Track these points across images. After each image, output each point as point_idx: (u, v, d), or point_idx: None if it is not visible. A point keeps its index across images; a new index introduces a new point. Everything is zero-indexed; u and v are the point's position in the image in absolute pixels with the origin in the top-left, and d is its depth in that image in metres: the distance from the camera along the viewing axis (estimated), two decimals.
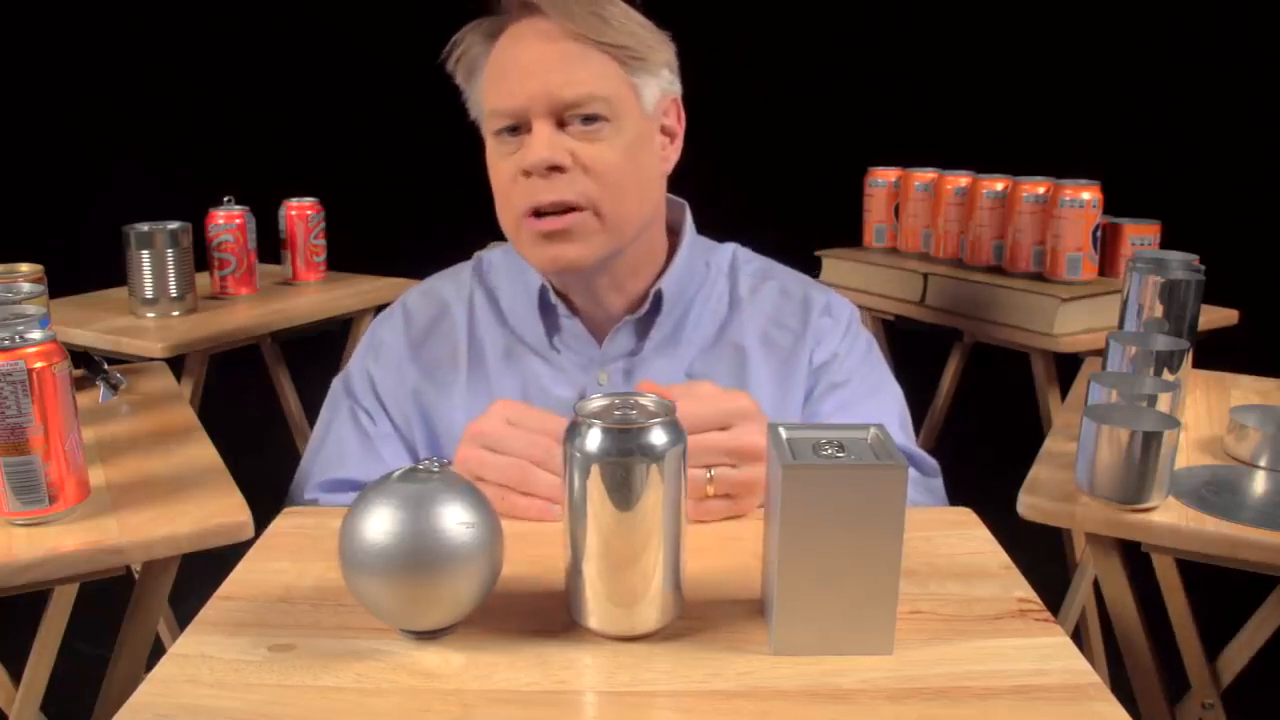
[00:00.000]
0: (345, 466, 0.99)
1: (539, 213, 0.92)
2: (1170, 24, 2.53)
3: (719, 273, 1.06)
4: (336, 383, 1.06)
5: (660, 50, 0.96)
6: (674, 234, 1.05)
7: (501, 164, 0.95)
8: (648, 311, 1.00)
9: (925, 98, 2.76)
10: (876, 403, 1.02)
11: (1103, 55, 2.64)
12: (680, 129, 1.01)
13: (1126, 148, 2.50)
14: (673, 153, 1.01)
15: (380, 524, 0.60)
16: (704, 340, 1.02)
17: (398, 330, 1.05)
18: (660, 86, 0.97)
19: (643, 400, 0.63)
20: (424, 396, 1.02)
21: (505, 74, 0.93)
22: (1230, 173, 2.53)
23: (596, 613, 0.62)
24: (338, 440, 1.01)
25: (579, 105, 0.91)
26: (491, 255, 1.09)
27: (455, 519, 0.60)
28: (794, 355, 1.02)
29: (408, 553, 0.60)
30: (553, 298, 1.00)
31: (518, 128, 0.93)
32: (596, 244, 0.94)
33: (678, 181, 1.04)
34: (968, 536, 0.78)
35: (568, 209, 0.92)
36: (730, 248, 1.10)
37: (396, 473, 0.63)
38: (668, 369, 1.00)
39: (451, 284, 1.08)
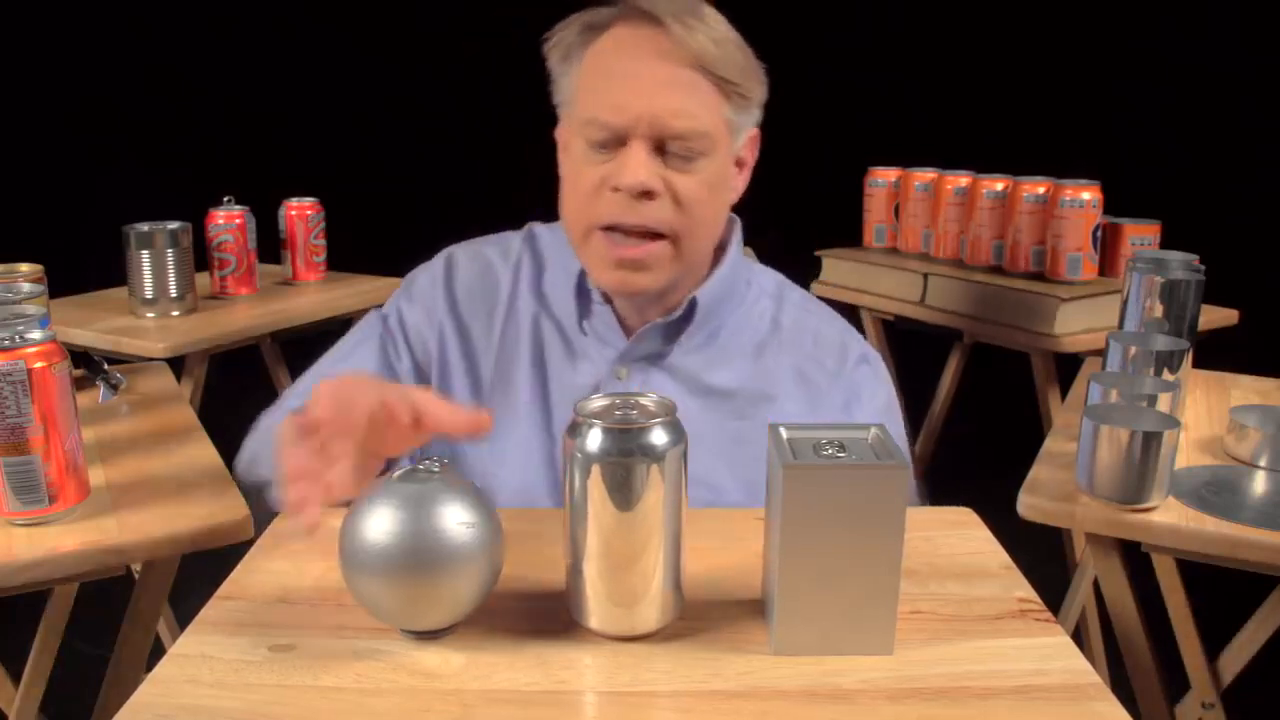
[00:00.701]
0: None
1: (618, 229, 0.91)
2: (1166, 24, 2.53)
3: (761, 292, 1.05)
4: (372, 314, 1.06)
5: (759, 88, 0.95)
6: (718, 247, 1.04)
7: (587, 170, 0.92)
8: (679, 318, 0.99)
9: (924, 98, 2.76)
10: None
11: (1102, 55, 2.65)
12: (752, 159, 1.00)
13: (1126, 148, 2.51)
14: (741, 182, 1.00)
15: (380, 524, 0.60)
16: (739, 359, 1.00)
17: (437, 279, 1.04)
18: (749, 124, 0.97)
19: (643, 400, 0.63)
20: (449, 348, 1.01)
21: (611, 83, 0.91)
22: (1229, 173, 2.53)
23: (597, 613, 0.62)
24: (361, 362, 1.01)
25: (682, 137, 0.89)
26: (540, 229, 1.08)
27: (455, 519, 0.60)
28: (827, 397, 1.00)
29: (408, 553, 0.60)
30: (589, 283, 0.99)
31: (610, 139, 0.91)
32: (667, 273, 0.94)
33: None
34: (968, 536, 0.78)
35: (647, 234, 0.91)
36: (774, 273, 1.09)
37: (397, 473, 0.63)
38: (691, 377, 0.99)
39: (498, 250, 1.06)
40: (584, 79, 0.94)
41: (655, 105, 0.88)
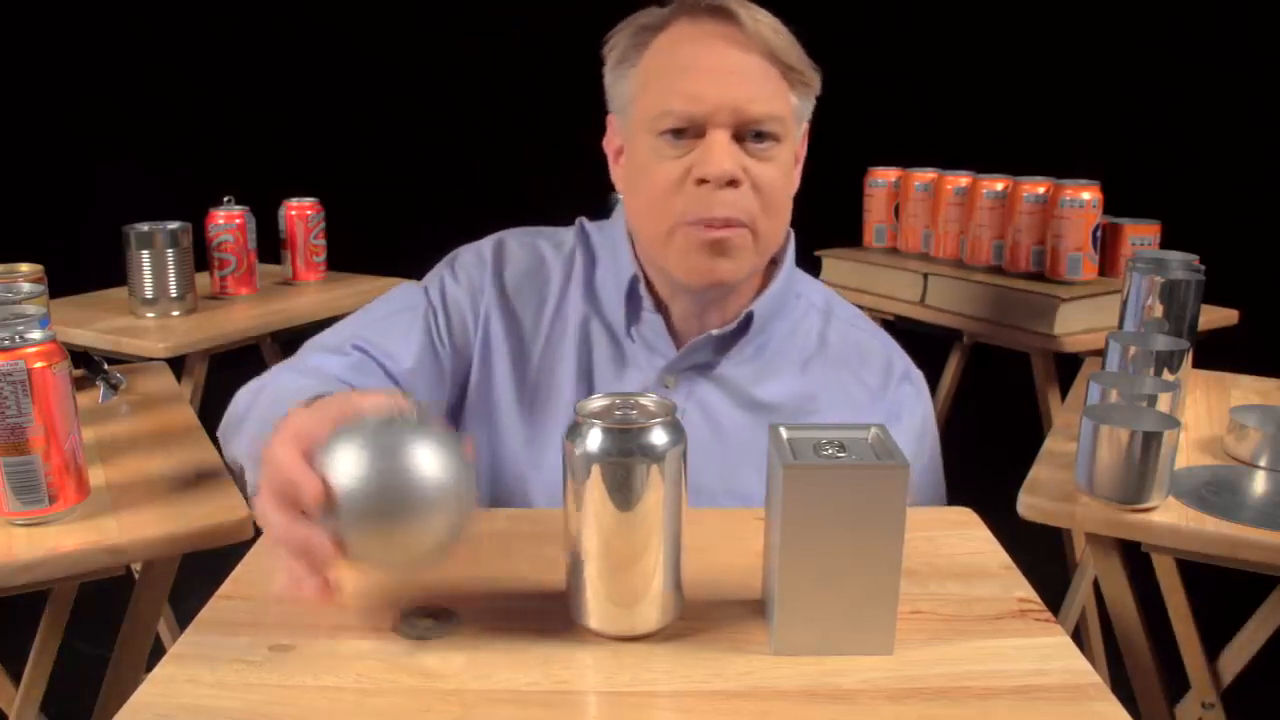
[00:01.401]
0: (396, 359, 0.95)
1: (704, 223, 0.90)
2: (1170, 24, 2.53)
3: (810, 307, 1.03)
4: (408, 285, 1.03)
5: (816, 78, 0.96)
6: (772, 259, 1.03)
7: (663, 165, 0.91)
8: (734, 330, 0.97)
9: (925, 98, 2.76)
10: (932, 479, 1.02)
11: (1103, 55, 2.64)
12: (804, 152, 1.00)
13: (1126, 148, 2.51)
14: (798, 175, 0.99)
15: (344, 468, 0.59)
16: (786, 372, 0.99)
17: (485, 261, 1.01)
18: (807, 114, 0.97)
19: (643, 400, 0.63)
20: (494, 334, 0.98)
21: (685, 74, 0.90)
22: (1230, 173, 2.53)
23: (597, 613, 0.62)
24: (405, 331, 0.97)
25: (760, 122, 0.89)
26: (590, 227, 1.05)
27: (423, 460, 0.59)
28: (867, 412, 0.99)
29: (371, 495, 0.58)
30: (641, 289, 0.97)
31: (685, 131, 0.90)
32: (747, 262, 0.93)
33: None
34: (968, 536, 0.78)
35: (730, 223, 0.90)
36: (824, 287, 1.08)
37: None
38: (739, 390, 0.97)
39: (551, 243, 1.03)
40: (648, 77, 0.93)
41: (734, 92, 0.88)
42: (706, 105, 0.88)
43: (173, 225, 1.63)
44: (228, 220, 1.75)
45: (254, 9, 2.79)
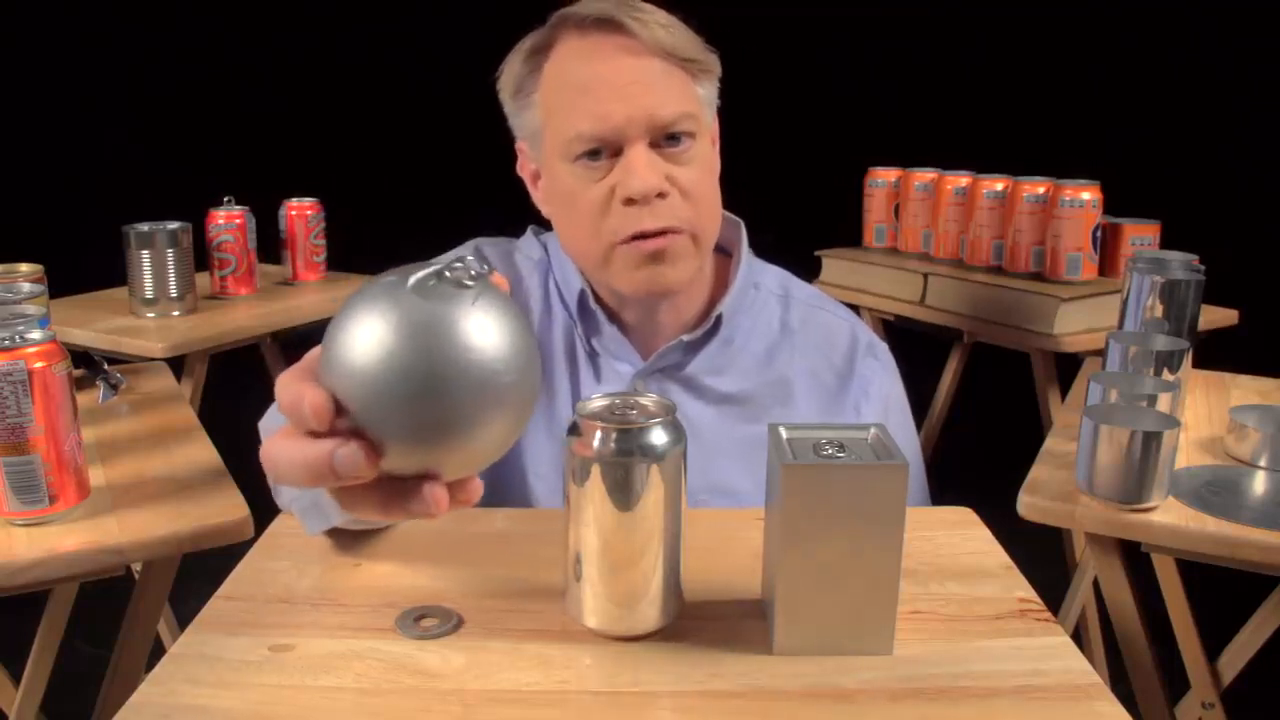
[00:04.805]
0: None
1: (639, 237, 0.89)
2: (1170, 23, 2.53)
3: (769, 295, 1.03)
4: None
5: (716, 62, 0.94)
6: (723, 251, 1.02)
7: (587, 190, 0.89)
8: (705, 333, 0.97)
9: (925, 98, 2.76)
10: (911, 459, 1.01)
11: (1102, 55, 2.65)
12: (718, 129, 0.99)
13: (1126, 148, 2.51)
14: (717, 157, 0.98)
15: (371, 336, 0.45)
16: (751, 364, 0.99)
17: None
18: (714, 99, 0.96)
19: (643, 400, 0.63)
20: None
21: (587, 94, 0.87)
22: (1230, 173, 2.53)
23: (596, 613, 0.62)
24: None
25: (673, 125, 0.87)
26: (545, 236, 1.04)
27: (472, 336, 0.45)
28: (840, 395, 0.99)
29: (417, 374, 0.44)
30: (591, 304, 0.97)
31: (600, 151, 0.88)
32: (690, 267, 0.92)
33: None
34: (968, 536, 0.78)
35: (666, 231, 0.89)
36: (778, 271, 1.07)
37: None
38: (707, 387, 0.97)
39: (523, 255, 1.03)
40: (550, 103, 0.91)
41: (641, 102, 0.86)
42: (616, 121, 0.86)
43: (173, 225, 1.63)
44: (228, 220, 1.75)
45: (254, 9, 2.79)
